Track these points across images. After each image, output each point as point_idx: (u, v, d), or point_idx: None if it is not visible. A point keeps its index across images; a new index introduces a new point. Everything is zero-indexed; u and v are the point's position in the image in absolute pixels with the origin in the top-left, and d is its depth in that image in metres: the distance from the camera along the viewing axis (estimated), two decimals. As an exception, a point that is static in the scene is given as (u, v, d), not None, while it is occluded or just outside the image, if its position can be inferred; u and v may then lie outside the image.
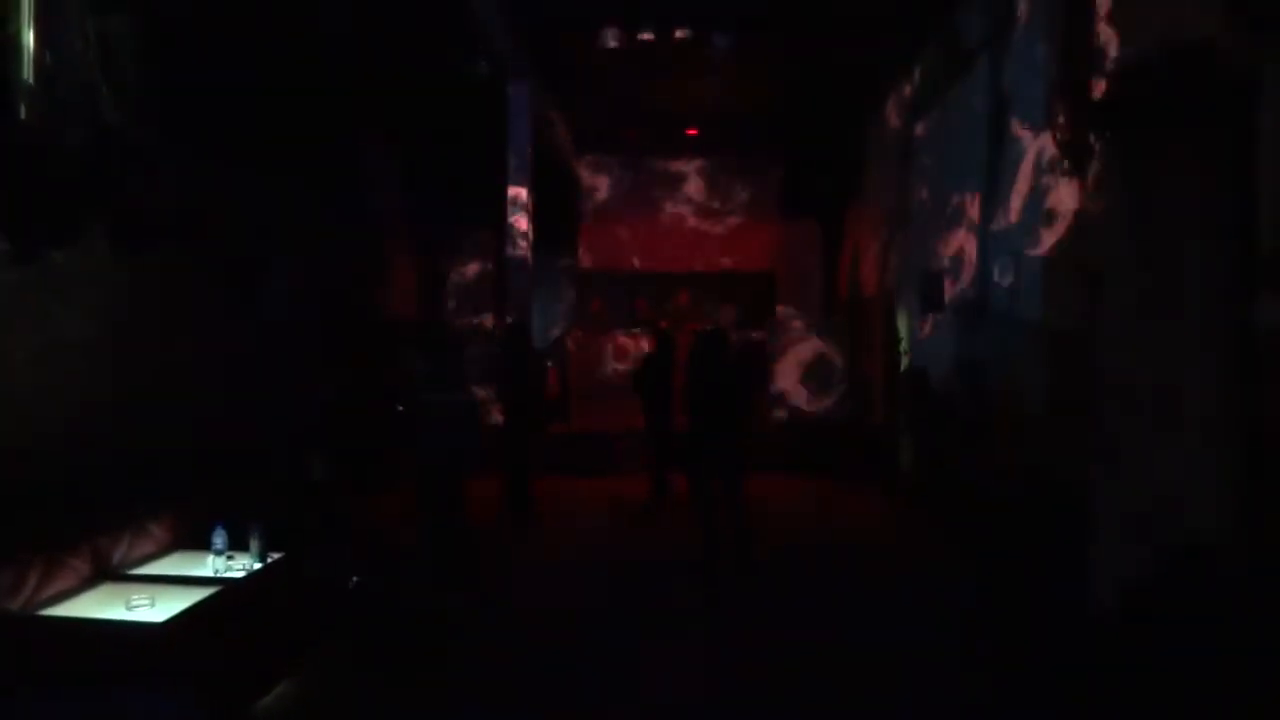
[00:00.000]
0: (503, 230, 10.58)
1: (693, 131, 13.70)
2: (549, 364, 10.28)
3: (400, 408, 6.68)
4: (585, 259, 14.84)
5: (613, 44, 9.74)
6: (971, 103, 7.79)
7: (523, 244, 10.43)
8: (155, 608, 3.58)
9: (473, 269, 13.62)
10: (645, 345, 10.73)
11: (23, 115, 3.94)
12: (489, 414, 9.65)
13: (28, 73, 3.96)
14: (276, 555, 4.41)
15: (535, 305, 11.18)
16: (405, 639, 4.97)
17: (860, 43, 9.65)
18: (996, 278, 7.07)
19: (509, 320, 9.66)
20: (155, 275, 4.64)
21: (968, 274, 7.79)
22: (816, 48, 9.97)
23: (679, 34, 9.77)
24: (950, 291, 8.27)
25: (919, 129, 9.65)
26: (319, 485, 5.92)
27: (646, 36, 9.76)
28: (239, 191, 5.65)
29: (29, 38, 3.91)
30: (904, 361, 9.83)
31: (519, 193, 10.40)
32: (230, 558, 4.19)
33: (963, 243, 7.96)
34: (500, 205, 10.46)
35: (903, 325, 9.99)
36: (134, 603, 3.60)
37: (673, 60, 10.23)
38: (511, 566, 6.81)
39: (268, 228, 6.12)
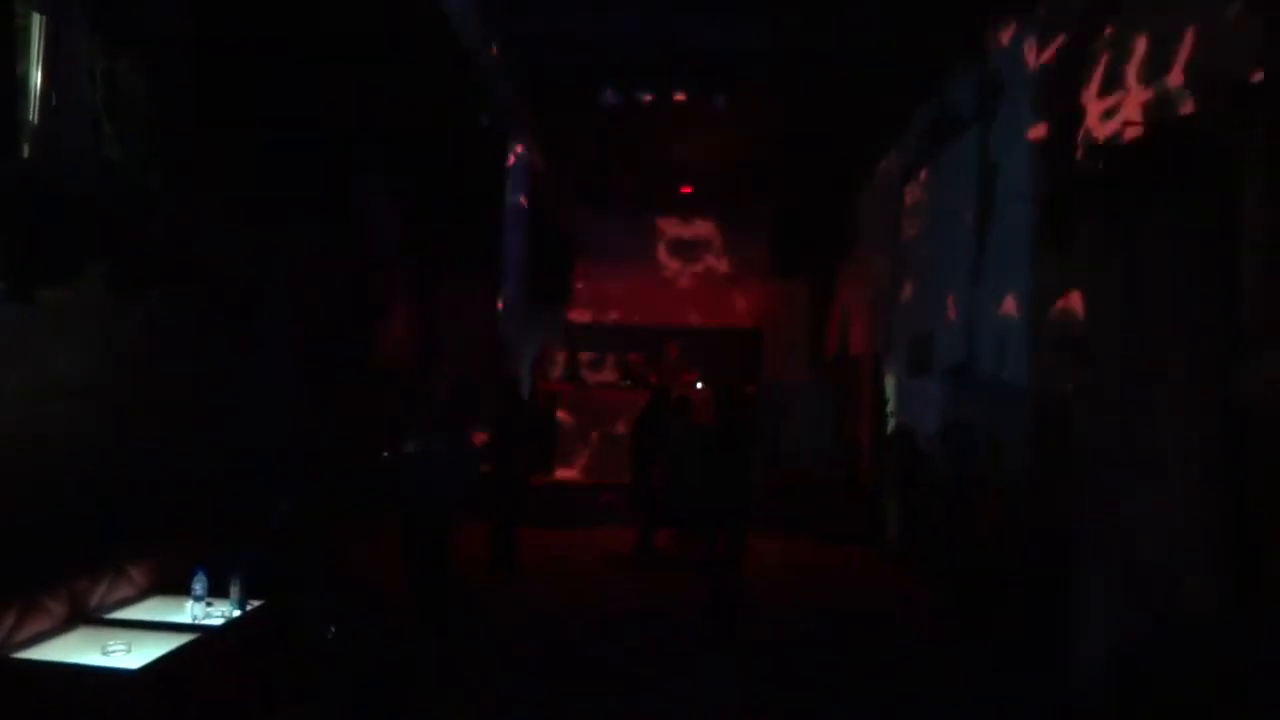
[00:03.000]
0: (497, 280, 10.66)
1: (686, 189, 13.92)
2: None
3: (385, 454, 6.65)
4: (577, 311, 14.93)
5: (610, 103, 9.96)
6: (961, 168, 7.95)
7: (515, 294, 10.49)
8: (131, 653, 3.52)
9: (467, 318, 13.66)
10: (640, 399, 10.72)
11: (26, 154, 3.98)
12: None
13: (33, 112, 4.01)
14: (256, 603, 4.34)
15: (526, 356, 11.20)
16: (383, 688, 4.89)
17: (852, 106, 9.88)
18: (982, 342, 7.15)
19: (500, 373, 9.67)
20: (146, 316, 4.65)
21: (955, 337, 7.88)
22: (809, 110, 10.20)
23: (678, 97, 10.01)
24: (937, 354, 8.35)
25: (909, 192, 9.83)
26: (290, 531, 5.86)
27: (645, 98, 9.99)
28: (235, 233, 5.69)
29: (36, 77, 3.97)
30: (890, 423, 9.87)
31: (514, 243, 10.50)
32: (209, 604, 4.13)
33: (951, 306, 8.06)
34: (496, 255, 10.55)
35: (890, 386, 10.05)
36: (110, 648, 3.53)
37: (667, 119, 10.44)
38: (492, 616, 6.73)
39: (262, 271, 6.15)
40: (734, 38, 8.64)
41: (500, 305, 10.53)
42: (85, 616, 4.02)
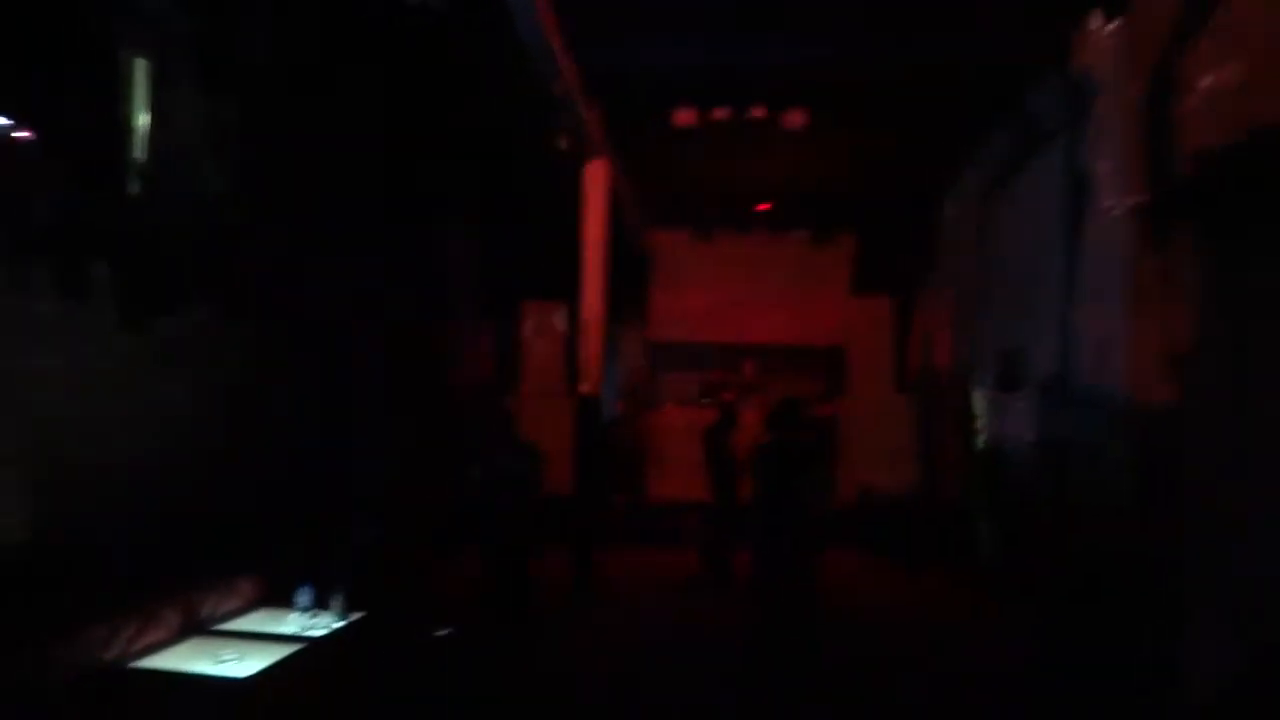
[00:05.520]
0: (576, 301, 10.78)
1: (765, 206, 13.88)
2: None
3: (471, 472, 6.79)
4: (657, 330, 14.98)
5: (688, 122, 10.02)
6: (1048, 179, 7.76)
7: (595, 314, 10.60)
8: (242, 662, 3.67)
9: (546, 338, 13.86)
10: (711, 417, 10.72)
11: (133, 192, 4.21)
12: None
13: (139, 152, 4.26)
14: (357, 614, 4.48)
15: (605, 376, 11.29)
16: (475, 695, 4.97)
17: (933, 121, 9.74)
18: (1078, 356, 6.94)
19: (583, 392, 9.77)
20: (243, 344, 4.85)
21: (1048, 351, 7.66)
22: (888, 125, 10.09)
23: (754, 112, 10.01)
24: (1029, 369, 8.13)
25: (995, 206, 9.64)
26: (378, 549, 6.02)
27: (722, 114, 10.02)
28: (324, 263, 5.90)
29: (142, 118, 4.21)
30: (979, 441, 9.63)
31: (592, 263, 10.61)
32: (314, 615, 4.28)
33: (1041, 321, 7.86)
34: (574, 276, 10.68)
35: (978, 404, 9.83)
36: (222, 658, 3.69)
37: (746, 136, 10.45)
38: (564, 636, 6.75)
39: (349, 299, 6.36)
40: (809, 54, 8.62)
41: (579, 325, 10.64)
42: (197, 627, 4.21)
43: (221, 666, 3.62)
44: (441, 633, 4.94)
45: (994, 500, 8.82)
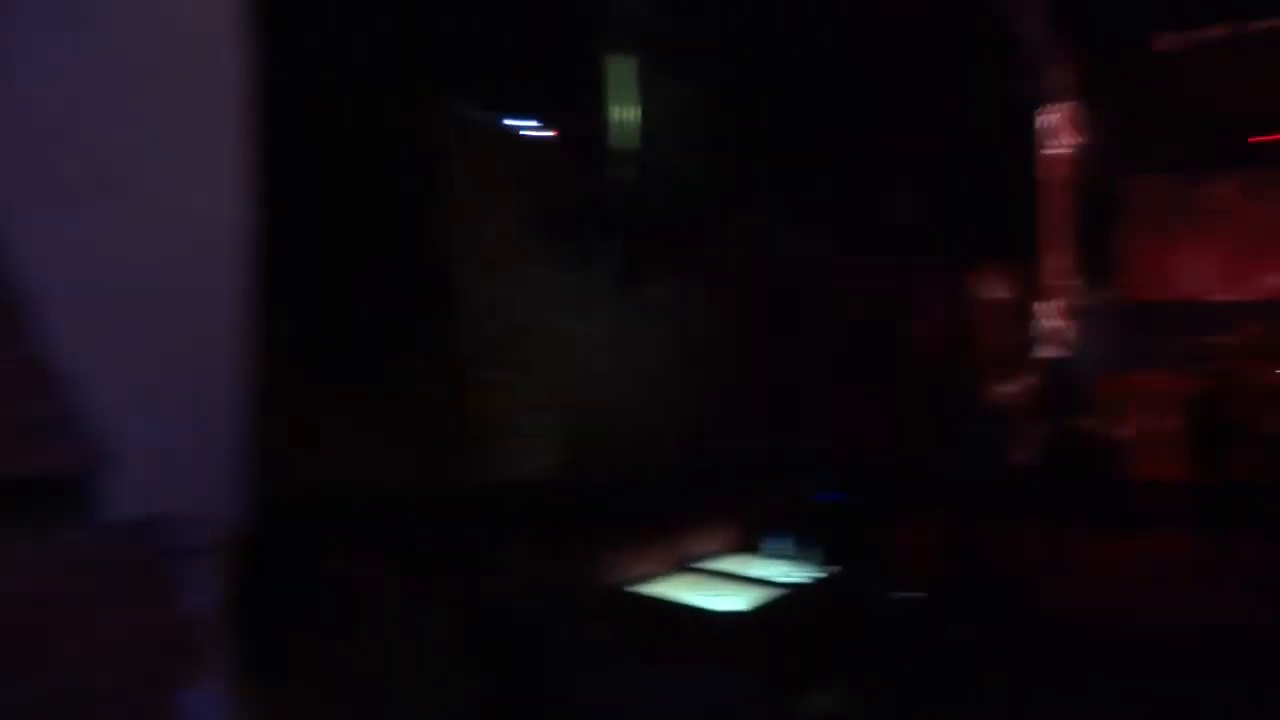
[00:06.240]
0: (1037, 259, 9.98)
1: (1265, 138, 11.56)
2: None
3: (943, 435, 6.62)
4: (1132, 289, 13.27)
5: (1169, 47, 8.71)
6: None
7: (1063, 274, 9.73)
8: (730, 598, 4.01)
9: (1006, 301, 13.01)
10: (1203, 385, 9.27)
11: (623, 175, 4.76)
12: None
13: (626, 140, 4.80)
14: (829, 569, 4.66)
15: (1079, 341, 10.31)
16: (935, 664, 4.87)
17: None
18: None
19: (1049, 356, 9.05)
20: (709, 310, 5.22)
21: None
22: None
23: (1258, 27, 8.40)
24: None
25: None
26: (843, 510, 6.12)
27: (1217, 33, 8.56)
28: (782, 234, 6.12)
29: (629, 112, 4.74)
30: None
31: (1057, 217, 9.74)
32: (789, 564, 4.54)
33: None
34: (1034, 231, 9.89)
35: None
36: (714, 591, 4.06)
37: (1248, 56, 8.80)
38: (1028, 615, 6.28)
39: (804, 267, 6.53)
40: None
41: (1040, 286, 9.84)
42: (680, 564, 4.68)
43: (713, 600, 3.98)
44: (912, 595, 4.92)
45: None
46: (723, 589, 4.17)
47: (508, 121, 4.16)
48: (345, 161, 2.64)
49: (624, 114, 4.76)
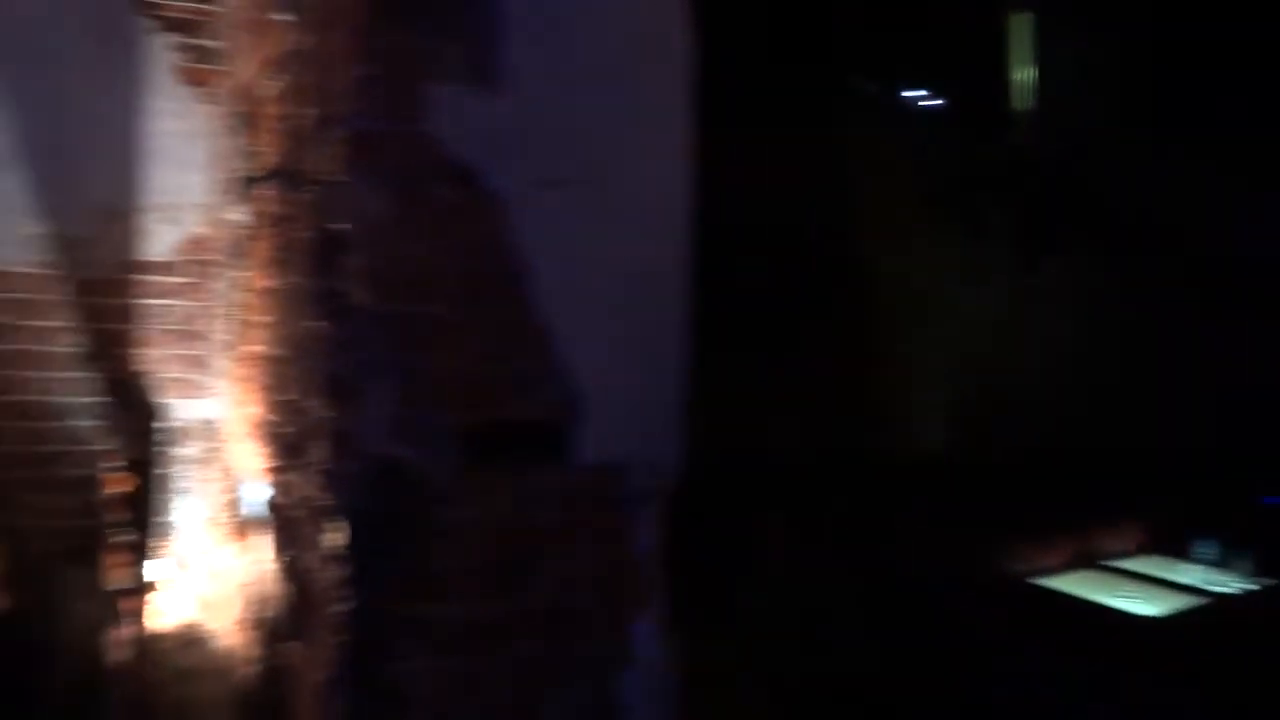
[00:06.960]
0: None
1: None
2: None
3: None
4: None
5: None
6: None
7: None
8: (1143, 602, 3.61)
9: None
10: None
11: (1020, 139, 4.43)
12: None
13: (1018, 101, 4.45)
14: (1262, 581, 4.02)
15: None
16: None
17: None
18: None
19: None
20: (1124, 286, 4.67)
21: None
22: None
23: None
24: None
25: None
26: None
27: None
28: (1214, 202, 5.32)
29: (1019, 72, 4.40)
30: None
31: None
32: (1216, 571, 3.99)
33: None
34: None
35: None
36: (1123, 593, 3.69)
37: None
38: None
39: (1243, 227, 5.63)
40: None
41: None
42: (1086, 560, 4.30)
43: (1123, 601, 3.62)
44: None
45: None
46: (1135, 591, 3.77)
47: (905, 93, 4.07)
48: (762, 143, 2.76)
49: (1023, 75, 4.45)
